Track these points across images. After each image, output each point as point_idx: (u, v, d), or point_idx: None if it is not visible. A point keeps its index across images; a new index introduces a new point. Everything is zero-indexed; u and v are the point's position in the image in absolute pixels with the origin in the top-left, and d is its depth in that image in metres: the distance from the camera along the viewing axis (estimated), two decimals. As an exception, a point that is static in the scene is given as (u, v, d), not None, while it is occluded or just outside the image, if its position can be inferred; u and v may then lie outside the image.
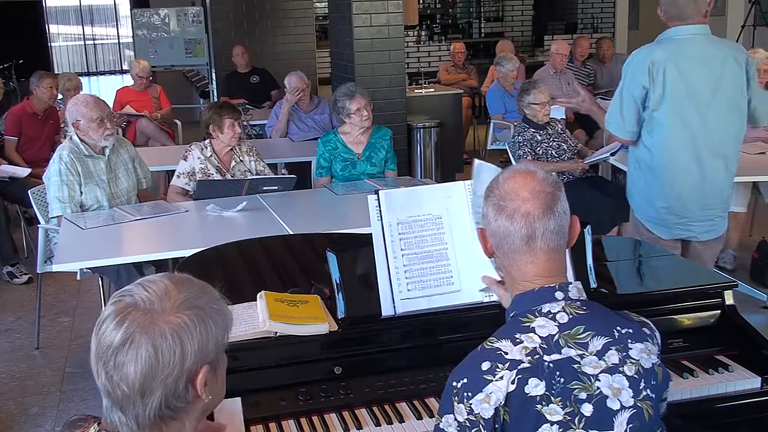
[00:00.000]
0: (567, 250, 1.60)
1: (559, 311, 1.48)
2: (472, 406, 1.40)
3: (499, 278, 1.84)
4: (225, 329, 1.29)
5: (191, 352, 1.22)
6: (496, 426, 1.39)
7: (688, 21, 2.96)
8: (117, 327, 1.21)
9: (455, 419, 1.41)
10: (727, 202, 3.19)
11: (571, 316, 1.47)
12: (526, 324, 1.47)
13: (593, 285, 2.09)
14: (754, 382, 2.02)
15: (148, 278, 1.29)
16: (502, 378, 1.40)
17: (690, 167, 3.02)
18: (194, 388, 1.24)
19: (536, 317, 1.48)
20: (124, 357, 1.19)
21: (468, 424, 1.40)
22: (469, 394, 1.40)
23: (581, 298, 1.52)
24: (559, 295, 1.50)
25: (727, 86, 2.97)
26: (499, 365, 1.41)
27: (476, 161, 1.96)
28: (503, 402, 1.39)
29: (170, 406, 1.23)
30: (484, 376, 1.41)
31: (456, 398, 1.42)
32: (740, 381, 2.01)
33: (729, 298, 2.22)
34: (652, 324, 1.55)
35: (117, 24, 20.20)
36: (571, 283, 1.53)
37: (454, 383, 1.43)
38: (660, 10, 3.05)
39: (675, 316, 2.18)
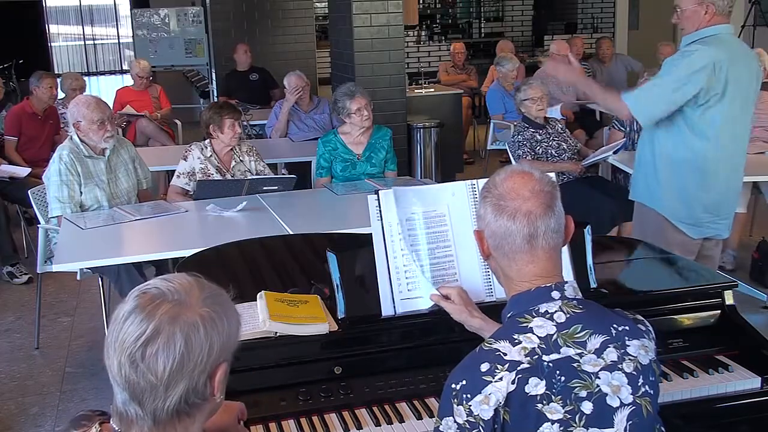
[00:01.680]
0: (565, 250, 1.61)
1: (556, 311, 1.48)
2: (471, 407, 1.40)
3: (443, 294, 1.87)
4: (239, 330, 1.31)
5: (217, 347, 1.23)
6: (496, 426, 1.39)
7: (727, 20, 2.97)
8: (147, 318, 1.20)
9: (455, 421, 1.41)
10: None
11: (568, 315, 1.47)
12: (524, 324, 1.47)
13: (593, 285, 2.09)
14: (754, 382, 2.02)
15: (167, 276, 1.29)
16: (501, 379, 1.40)
17: (733, 165, 3.08)
18: (212, 385, 1.25)
19: (534, 317, 1.48)
20: (155, 348, 1.19)
21: (467, 426, 1.40)
22: (468, 395, 1.40)
23: (577, 297, 1.52)
24: (555, 294, 1.50)
25: (752, 88, 3.03)
26: (498, 366, 1.41)
27: (394, 188, 1.99)
28: (503, 402, 1.39)
29: (188, 401, 1.23)
30: (483, 378, 1.41)
31: (455, 400, 1.42)
32: (740, 381, 2.01)
33: (729, 298, 2.21)
34: (646, 321, 1.56)
35: (117, 24, 20.19)
36: (567, 282, 1.53)
37: (453, 385, 1.43)
38: (702, 6, 2.93)
39: (675, 316, 2.18)
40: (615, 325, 1.49)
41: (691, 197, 3.11)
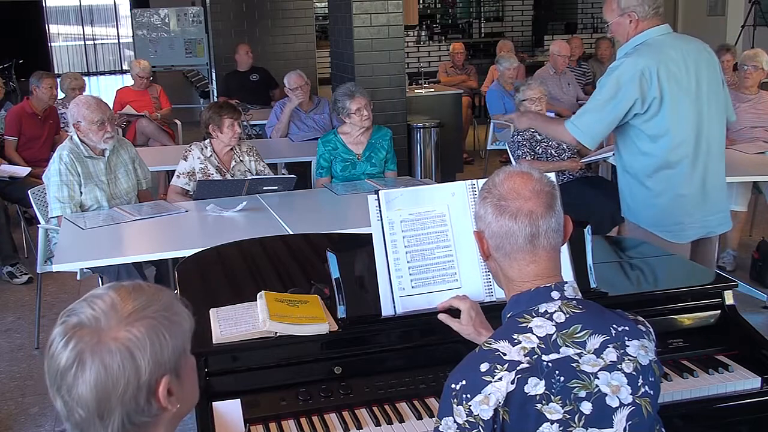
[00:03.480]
0: (565, 250, 1.61)
1: (555, 311, 1.48)
2: (471, 407, 1.40)
3: (453, 306, 1.89)
4: (182, 335, 1.22)
5: (145, 365, 1.16)
6: (495, 426, 1.39)
7: (658, 21, 2.95)
8: (64, 348, 1.15)
9: (454, 421, 1.41)
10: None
11: (568, 315, 1.47)
12: (524, 324, 1.47)
13: (593, 285, 2.09)
14: (754, 382, 2.02)
15: (94, 293, 1.22)
16: (501, 379, 1.40)
17: (696, 162, 2.99)
18: (157, 400, 1.18)
19: (533, 317, 1.48)
20: (74, 379, 1.14)
21: (467, 426, 1.40)
22: (468, 395, 1.40)
23: (577, 297, 1.52)
24: (555, 294, 1.50)
25: (706, 79, 2.97)
26: (498, 366, 1.41)
27: (381, 192, 1.99)
28: (503, 402, 1.39)
29: (134, 422, 1.17)
30: (483, 378, 1.41)
31: (455, 400, 1.42)
32: (740, 381, 2.01)
33: (729, 298, 2.21)
34: (646, 321, 1.56)
35: (117, 24, 20.20)
36: (566, 282, 1.53)
37: (453, 385, 1.43)
38: (625, 17, 2.94)
39: (675, 316, 2.18)
40: (615, 326, 1.49)
41: (661, 205, 3.02)
